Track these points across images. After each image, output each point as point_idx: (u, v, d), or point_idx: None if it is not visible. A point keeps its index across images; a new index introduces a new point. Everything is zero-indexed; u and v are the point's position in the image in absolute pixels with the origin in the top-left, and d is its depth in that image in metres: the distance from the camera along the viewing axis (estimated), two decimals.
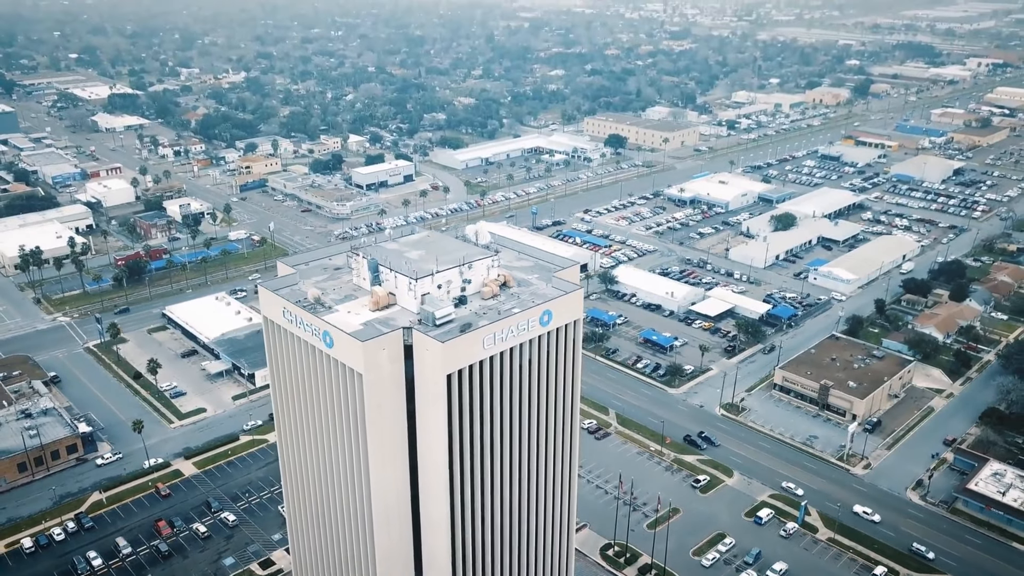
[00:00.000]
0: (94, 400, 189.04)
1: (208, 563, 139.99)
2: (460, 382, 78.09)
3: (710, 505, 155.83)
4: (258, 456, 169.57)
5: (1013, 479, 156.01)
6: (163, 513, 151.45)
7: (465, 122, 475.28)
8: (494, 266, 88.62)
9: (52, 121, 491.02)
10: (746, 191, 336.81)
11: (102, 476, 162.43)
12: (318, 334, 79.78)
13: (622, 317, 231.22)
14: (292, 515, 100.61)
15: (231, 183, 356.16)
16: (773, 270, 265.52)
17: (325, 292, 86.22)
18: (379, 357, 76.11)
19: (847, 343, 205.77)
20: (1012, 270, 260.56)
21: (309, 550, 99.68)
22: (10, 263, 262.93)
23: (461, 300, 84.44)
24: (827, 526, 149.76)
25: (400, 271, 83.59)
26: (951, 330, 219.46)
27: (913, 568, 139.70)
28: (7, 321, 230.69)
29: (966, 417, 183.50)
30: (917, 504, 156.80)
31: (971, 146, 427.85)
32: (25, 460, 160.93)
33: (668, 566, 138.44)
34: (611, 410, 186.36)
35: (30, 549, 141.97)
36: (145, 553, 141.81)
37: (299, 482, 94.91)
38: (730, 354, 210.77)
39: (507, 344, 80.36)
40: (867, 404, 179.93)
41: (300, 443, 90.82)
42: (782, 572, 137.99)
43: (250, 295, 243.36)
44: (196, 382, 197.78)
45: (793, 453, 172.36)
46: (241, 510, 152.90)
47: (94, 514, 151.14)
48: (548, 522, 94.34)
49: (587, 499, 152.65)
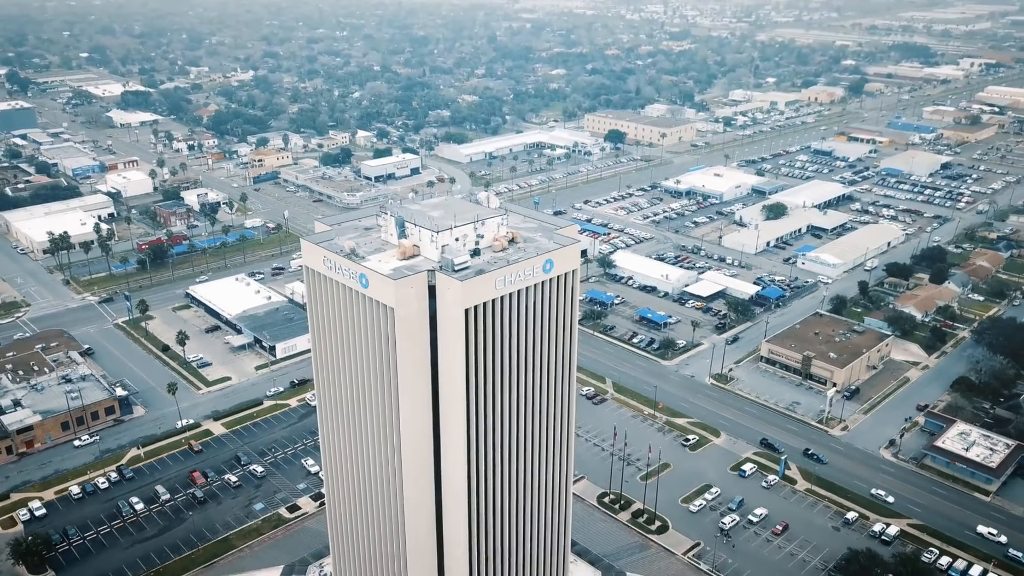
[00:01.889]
0: (126, 370, 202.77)
1: (240, 508, 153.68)
2: (476, 317, 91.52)
3: (698, 461, 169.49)
4: (281, 418, 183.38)
5: (977, 437, 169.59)
6: (197, 466, 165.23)
7: (469, 119, 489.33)
8: (503, 224, 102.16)
9: (68, 117, 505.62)
10: (740, 183, 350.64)
11: (139, 434, 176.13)
12: (355, 277, 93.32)
13: (619, 298, 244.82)
14: (327, 447, 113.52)
15: (244, 175, 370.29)
16: (764, 256, 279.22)
17: (358, 246, 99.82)
18: (408, 294, 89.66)
19: (830, 320, 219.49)
20: (991, 255, 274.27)
21: (342, 480, 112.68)
22: (38, 248, 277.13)
23: (475, 252, 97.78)
24: (805, 479, 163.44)
25: (423, 226, 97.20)
26: (929, 309, 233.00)
27: (882, 514, 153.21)
28: (40, 300, 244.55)
29: (939, 386, 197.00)
30: (889, 461, 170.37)
31: (960, 142, 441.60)
32: (68, 419, 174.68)
33: (658, 511, 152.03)
34: (608, 379, 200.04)
35: (78, 495, 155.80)
36: (182, 499, 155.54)
37: (335, 415, 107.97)
38: (720, 331, 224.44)
39: (515, 286, 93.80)
40: (846, 373, 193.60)
41: (336, 378, 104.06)
42: (762, 516, 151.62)
43: (267, 277, 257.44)
44: (220, 354, 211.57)
45: (777, 417, 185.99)
46: (268, 464, 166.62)
47: (134, 467, 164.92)
48: (549, 453, 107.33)
49: (585, 456, 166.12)
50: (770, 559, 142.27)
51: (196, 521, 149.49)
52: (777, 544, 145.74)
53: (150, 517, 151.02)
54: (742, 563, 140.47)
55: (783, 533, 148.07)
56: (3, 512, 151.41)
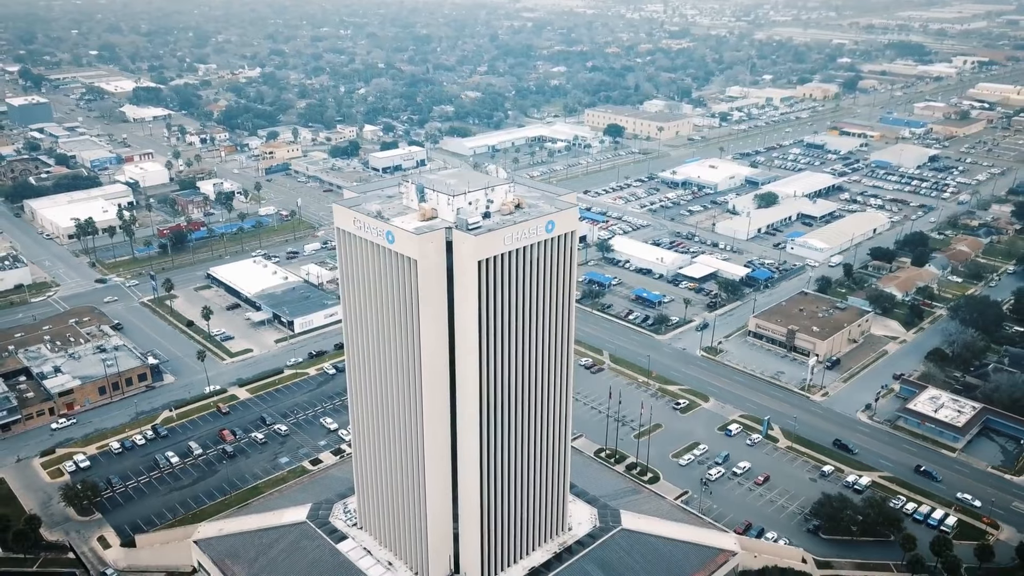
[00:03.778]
0: (154, 343, 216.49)
1: (267, 461, 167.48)
2: (487, 269, 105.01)
3: (688, 423, 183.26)
4: (301, 385, 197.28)
5: (946, 401, 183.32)
6: (225, 425, 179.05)
7: (472, 114, 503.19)
8: (510, 191, 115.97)
9: (82, 112, 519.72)
10: (734, 174, 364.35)
11: (170, 399, 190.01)
12: (382, 234, 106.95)
13: (616, 280, 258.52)
14: (354, 390, 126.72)
15: (256, 167, 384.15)
16: (755, 242, 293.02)
17: (383, 209, 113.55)
18: (429, 248, 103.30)
19: (815, 298, 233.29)
20: (971, 241, 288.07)
21: (368, 419, 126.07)
22: (63, 233, 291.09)
23: (486, 214, 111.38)
24: (786, 437, 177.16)
25: (441, 191, 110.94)
26: (910, 290, 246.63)
27: (854, 467, 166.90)
28: (68, 281, 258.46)
29: (915, 358, 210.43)
30: (865, 423, 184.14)
31: (948, 136, 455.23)
32: (104, 384, 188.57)
33: (650, 465, 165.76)
34: (605, 351, 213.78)
35: (118, 450, 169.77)
36: (213, 454, 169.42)
37: (362, 360, 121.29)
38: (711, 308, 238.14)
39: (522, 243, 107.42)
40: (827, 345, 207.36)
41: (364, 325, 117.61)
42: (745, 468, 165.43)
43: (283, 260, 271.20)
44: (242, 329, 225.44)
45: (762, 385, 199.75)
46: (291, 424, 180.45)
47: (167, 426, 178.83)
48: (551, 390, 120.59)
49: (583, 417, 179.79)
50: (752, 505, 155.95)
51: (227, 472, 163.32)
52: (758, 492, 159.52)
53: (185, 469, 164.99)
54: (726, 508, 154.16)
55: (764, 483, 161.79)
56: (51, 464, 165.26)
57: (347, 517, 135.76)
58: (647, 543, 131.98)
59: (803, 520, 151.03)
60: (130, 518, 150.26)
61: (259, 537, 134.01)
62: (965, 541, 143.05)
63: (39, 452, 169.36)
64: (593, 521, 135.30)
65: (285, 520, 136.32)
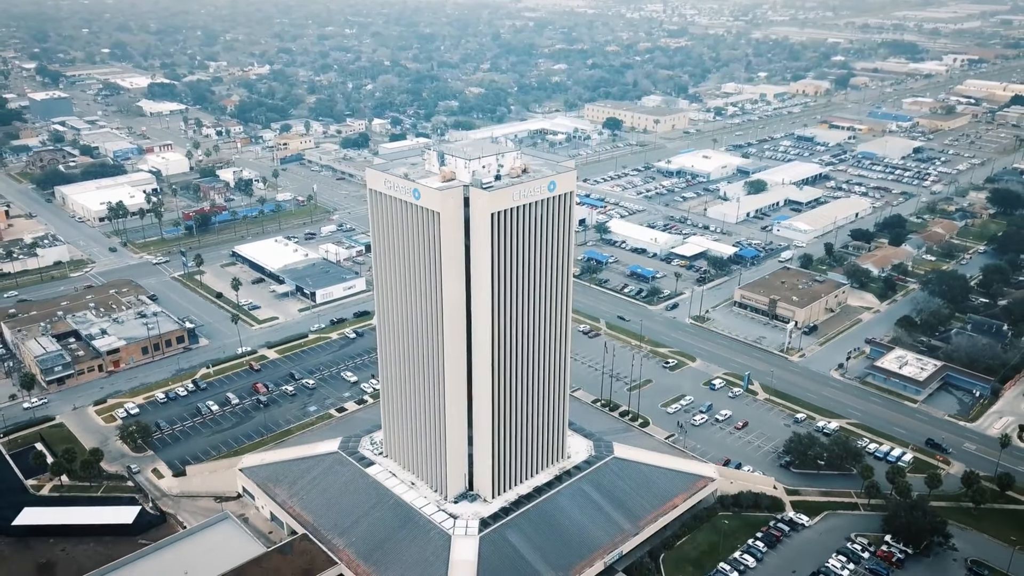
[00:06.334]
0: (187, 311, 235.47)
1: (297, 410, 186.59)
2: (498, 220, 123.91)
3: (676, 378, 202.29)
4: (325, 347, 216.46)
5: (911, 359, 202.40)
6: (258, 379, 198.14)
7: (476, 108, 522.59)
8: (518, 158, 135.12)
9: (100, 107, 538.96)
10: (726, 164, 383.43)
11: (206, 358, 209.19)
12: (409, 192, 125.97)
13: (613, 258, 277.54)
14: (382, 329, 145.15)
15: (271, 157, 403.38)
16: (743, 225, 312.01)
17: (409, 173, 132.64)
18: (450, 202, 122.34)
19: (796, 272, 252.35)
20: (946, 224, 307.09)
21: (394, 354, 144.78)
22: (95, 216, 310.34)
23: (497, 176, 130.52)
24: (765, 391, 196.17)
25: (459, 156, 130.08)
26: (885, 266, 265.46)
27: (825, 415, 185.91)
28: (103, 259, 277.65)
29: (887, 326, 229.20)
30: (837, 379, 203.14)
31: (934, 129, 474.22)
32: (147, 345, 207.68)
33: (641, 412, 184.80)
34: (601, 320, 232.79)
35: (163, 400, 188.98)
36: (249, 403, 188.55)
37: (390, 304, 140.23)
38: (701, 283, 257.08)
39: (528, 199, 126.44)
40: (805, 312, 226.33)
41: (392, 274, 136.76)
42: (727, 416, 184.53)
43: (301, 241, 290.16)
44: (267, 300, 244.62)
45: (745, 348, 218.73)
46: (317, 379, 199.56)
47: (206, 380, 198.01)
48: (553, 326, 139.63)
49: (580, 374, 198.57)
50: (732, 446, 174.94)
51: (262, 419, 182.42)
52: (738, 435, 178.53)
53: (224, 416, 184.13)
54: (708, 448, 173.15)
55: (743, 428, 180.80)
56: (104, 412, 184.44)
57: (374, 448, 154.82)
58: (636, 469, 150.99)
59: (776, 457, 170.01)
60: (179, 455, 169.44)
61: (297, 465, 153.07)
62: (919, 474, 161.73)
63: (92, 401, 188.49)
64: (589, 451, 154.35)
65: (319, 451, 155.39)
